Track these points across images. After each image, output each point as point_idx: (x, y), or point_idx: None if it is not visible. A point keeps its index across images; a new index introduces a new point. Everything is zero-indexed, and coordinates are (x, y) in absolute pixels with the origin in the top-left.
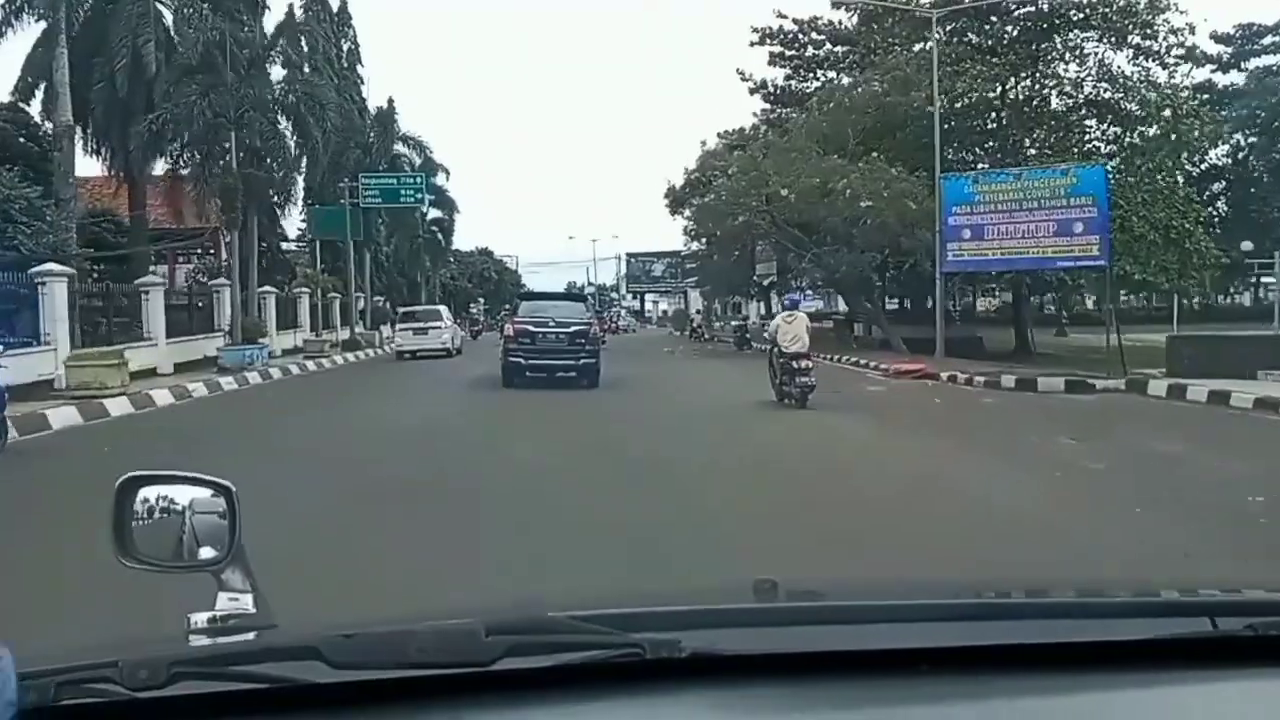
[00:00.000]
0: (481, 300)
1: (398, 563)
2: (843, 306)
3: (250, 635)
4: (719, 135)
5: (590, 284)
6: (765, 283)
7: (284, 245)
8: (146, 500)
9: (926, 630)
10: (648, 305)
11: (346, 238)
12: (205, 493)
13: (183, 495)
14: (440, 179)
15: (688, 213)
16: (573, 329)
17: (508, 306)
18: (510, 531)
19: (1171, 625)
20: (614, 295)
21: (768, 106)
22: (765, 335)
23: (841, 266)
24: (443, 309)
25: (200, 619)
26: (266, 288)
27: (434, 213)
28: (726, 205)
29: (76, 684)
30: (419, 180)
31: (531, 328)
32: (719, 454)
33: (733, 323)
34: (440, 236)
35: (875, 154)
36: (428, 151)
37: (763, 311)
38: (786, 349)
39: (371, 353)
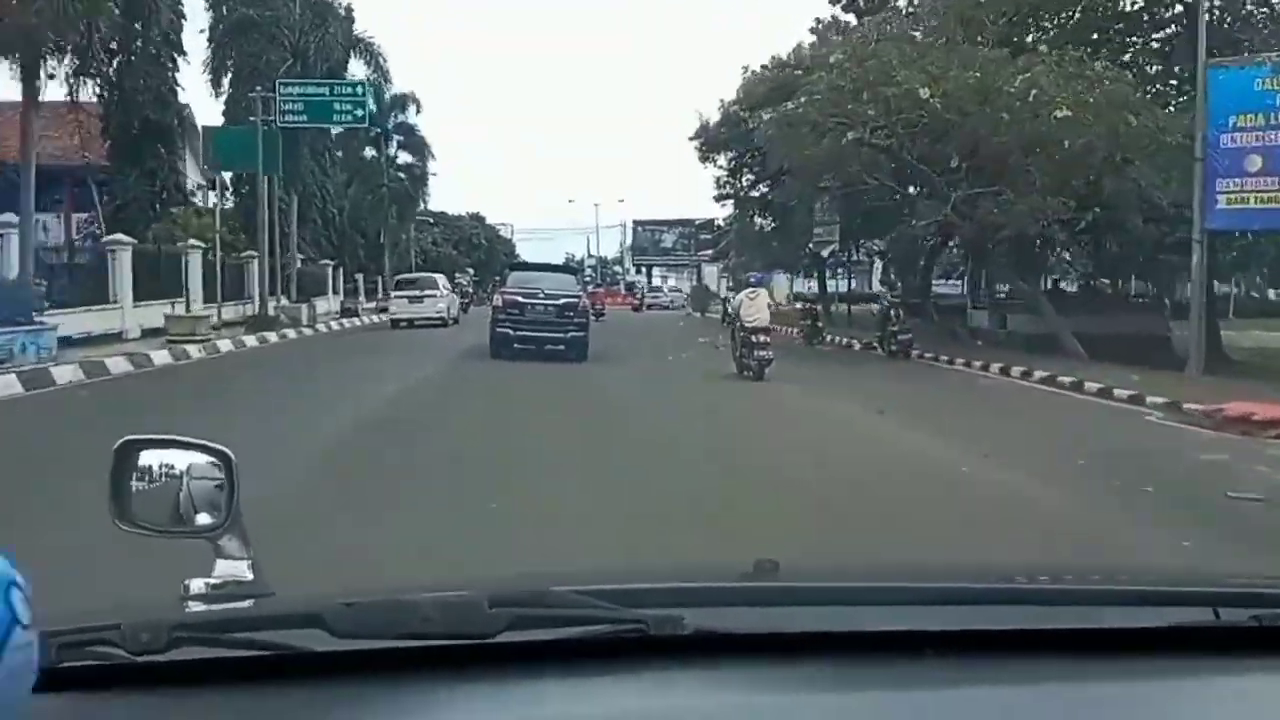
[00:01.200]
0: (470, 270)
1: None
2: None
3: (248, 602)
4: (764, 66)
5: (590, 255)
6: (825, 253)
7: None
8: (145, 464)
9: (930, 613)
10: (655, 280)
11: (257, 170)
12: (204, 459)
13: (181, 460)
14: (411, 114)
15: (722, 160)
16: (562, 301)
17: (498, 278)
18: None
19: (1175, 614)
20: (617, 269)
21: (844, 16)
22: (729, 310)
23: (1007, 219)
24: (439, 277)
25: (197, 585)
26: (118, 236)
27: (403, 156)
28: (819, 112)
29: (78, 646)
30: (360, 90)
31: (521, 298)
32: None
33: (887, 295)
34: (410, 187)
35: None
36: (381, 60)
37: (815, 289)
38: (749, 324)
39: (293, 334)
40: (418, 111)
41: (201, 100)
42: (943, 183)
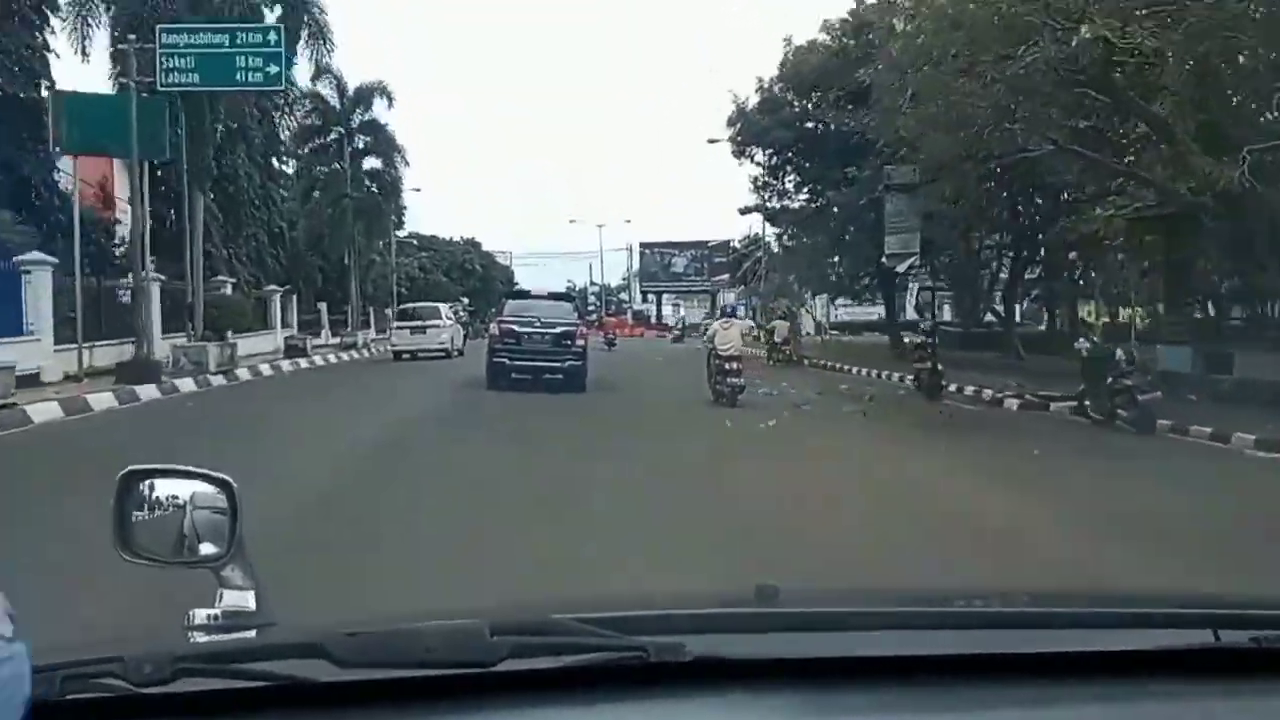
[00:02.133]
0: (464, 300)
1: None
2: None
3: (251, 633)
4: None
5: (593, 283)
6: (902, 268)
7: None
8: (148, 494)
9: (930, 638)
10: (665, 309)
11: (131, 154)
12: (207, 488)
13: (184, 490)
14: (380, 110)
15: (760, 156)
16: (558, 330)
17: (494, 309)
18: None
19: (1174, 637)
20: (623, 297)
21: None
22: (703, 341)
23: None
24: (442, 306)
25: (200, 615)
26: None
27: (370, 162)
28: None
29: (82, 678)
30: (273, 39)
31: (517, 327)
32: None
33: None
34: (380, 198)
35: None
36: (316, 12)
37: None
38: (723, 352)
39: (190, 384)
40: (389, 105)
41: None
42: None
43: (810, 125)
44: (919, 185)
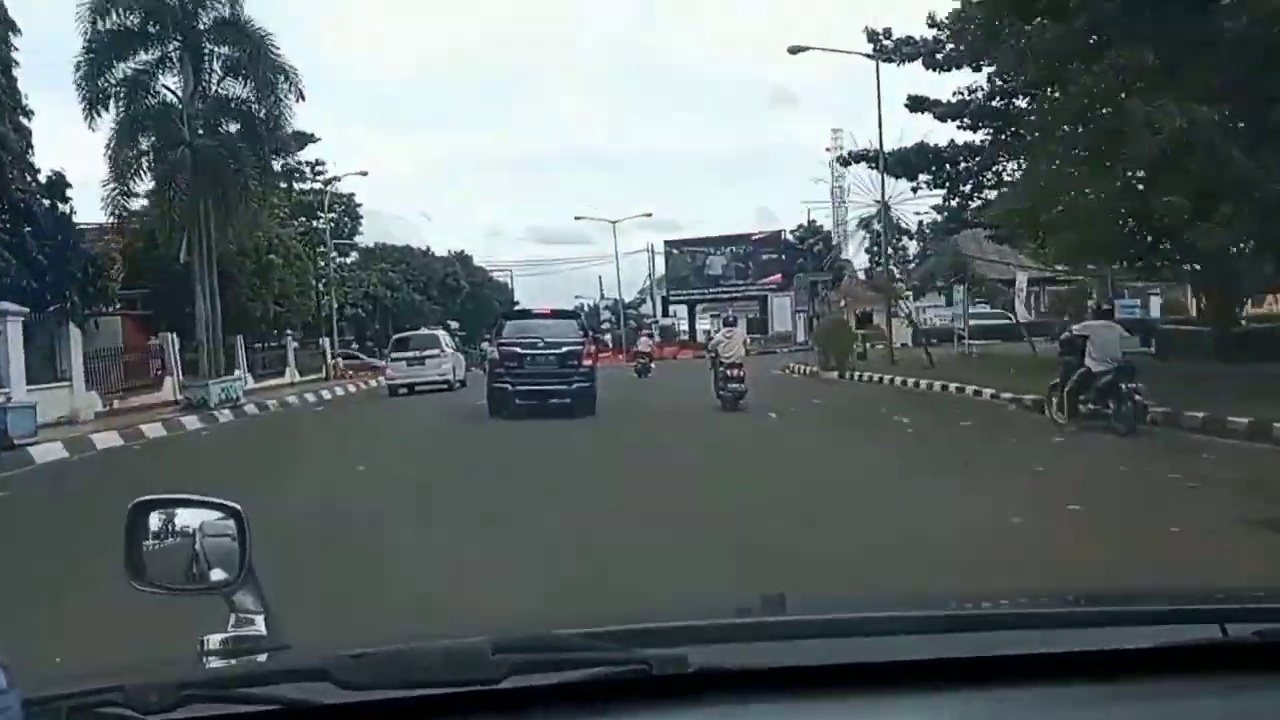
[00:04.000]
0: (453, 324)
1: None
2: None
3: (261, 657)
4: None
5: (604, 297)
6: None
7: None
8: (157, 524)
9: (936, 642)
10: (702, 323)
11: None
12: (215, 515)
13: (193, 518)
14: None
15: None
16: (564, 349)
17: (489, 335)
18: None
19: (1182, 632)
20: (644, 311)
21: None
22: (706, 351)
23: None
24: (441, 334)
25: (213, 641)
26: None
27: (229, 87)
28: None
29: (87, 709)
30: None
31: (519, 349)
32: None
33: None
34: (247, 143)
35: None
36: None
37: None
38: (725, 359)
39: None
40: None
41: None
42: None
43: None
44: None
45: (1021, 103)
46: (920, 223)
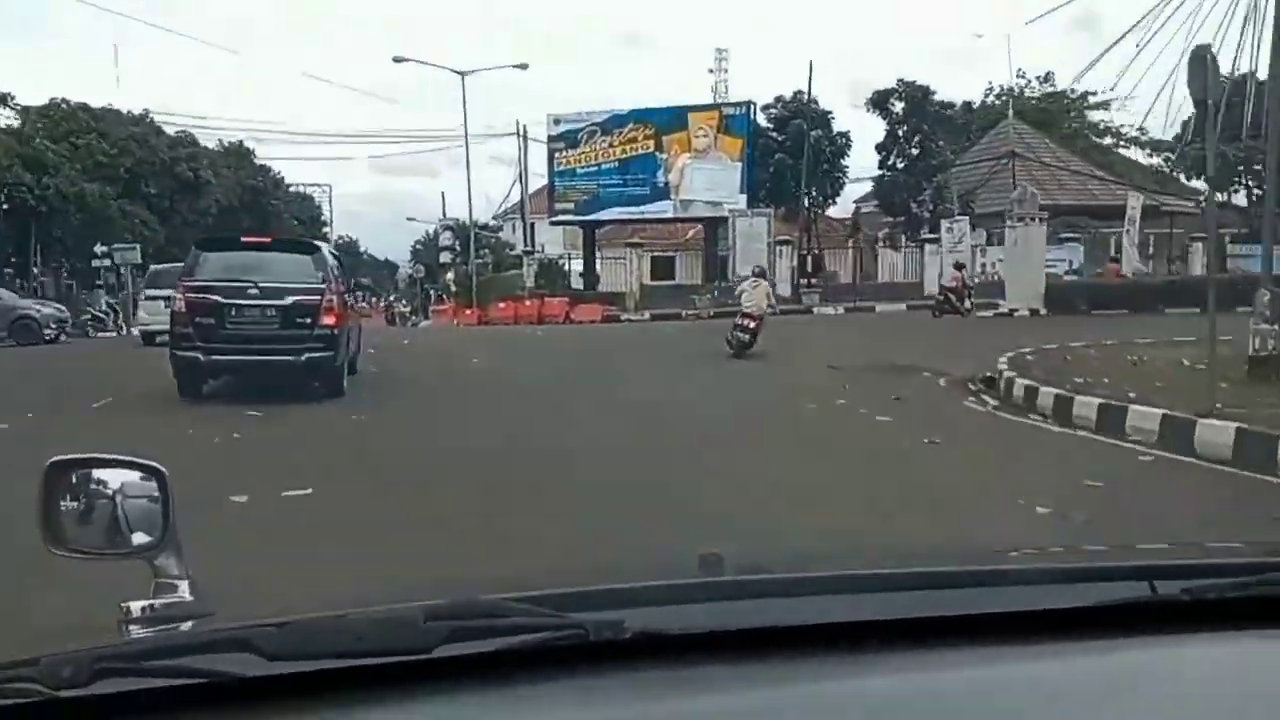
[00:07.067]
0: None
1: None
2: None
3: (185, 625)
4: None
5: (444, 219)
6: None
7: None
8: (75, 485)
9: (870, 601)
10: (599, 264)
11: None
12: (136, 475)
13: (113, 479)
14: None
15: None
16: (289, 301)
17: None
18: None
19: (1110, 590)
20: (501, 236)
21: None
22: (732, 300)
23: None
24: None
25: (135, 608)
26: None
27: None
28: None
29: None
30: None
31: (220, 298)
32: None
33: None
34: None
35: None
36: None
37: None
38: (745, 308)
39: None
40: None
41: None
42: None
43: None
44: None
45: None
46: None
